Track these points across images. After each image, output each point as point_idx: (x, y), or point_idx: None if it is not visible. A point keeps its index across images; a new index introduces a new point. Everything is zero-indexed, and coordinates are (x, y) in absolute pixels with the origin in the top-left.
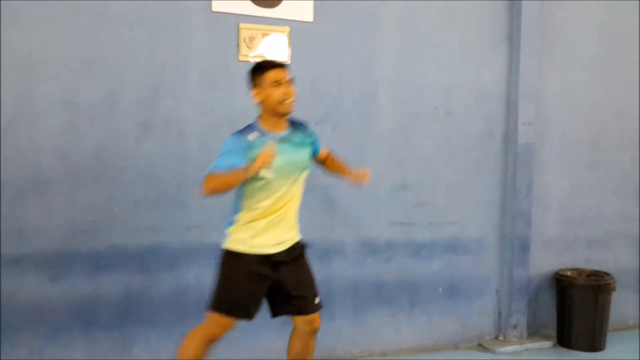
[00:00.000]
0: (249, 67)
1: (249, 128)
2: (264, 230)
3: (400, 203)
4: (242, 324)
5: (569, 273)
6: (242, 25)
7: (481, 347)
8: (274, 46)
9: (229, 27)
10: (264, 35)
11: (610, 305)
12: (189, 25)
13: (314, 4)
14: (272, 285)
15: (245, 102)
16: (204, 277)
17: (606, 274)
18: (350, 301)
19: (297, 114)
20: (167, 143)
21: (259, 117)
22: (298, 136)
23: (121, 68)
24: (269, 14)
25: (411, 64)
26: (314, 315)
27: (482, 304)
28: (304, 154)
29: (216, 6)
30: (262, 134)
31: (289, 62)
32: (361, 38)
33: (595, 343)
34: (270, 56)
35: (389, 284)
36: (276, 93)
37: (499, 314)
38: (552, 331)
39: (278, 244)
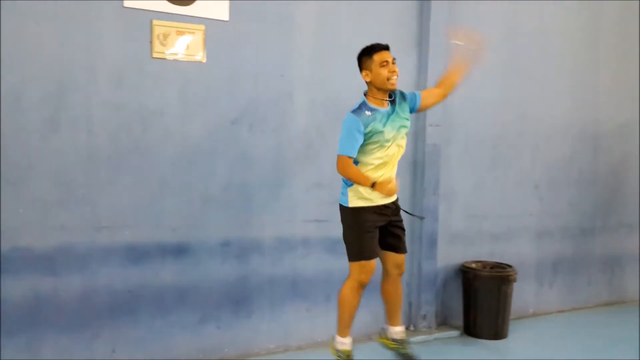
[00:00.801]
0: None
1: (363, 106)
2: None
3: (316, 201)
4: (152, 323)
5: (473, 265)
6: (155, 22)
7: None
8: (188, 44)
9: (142, 24)
10: (179, 33)
11: (511, 295)
12: (100, 20)
13: (230, 3)
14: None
15: (159, 100)
16: (116, 278)
17: (508, 265)
18: (267, 298)
19: (212, 114)
20: (76, 140)
21: (367, 95)
22: (398, 105)
23: (26, 63)
24: (183, 11)
25: (326, 65)
26: (402, 257)
27: None
28: (405, 117)
29: (128, 2)
30: (375, 110)
31: (204, 60)
32: (277, 39)
33: (498, 331)
34: (183, 53)
35: (305, 279)
36: (384, 72)
37: (409, 305)
38: (459, 321)
39: (385, 197)
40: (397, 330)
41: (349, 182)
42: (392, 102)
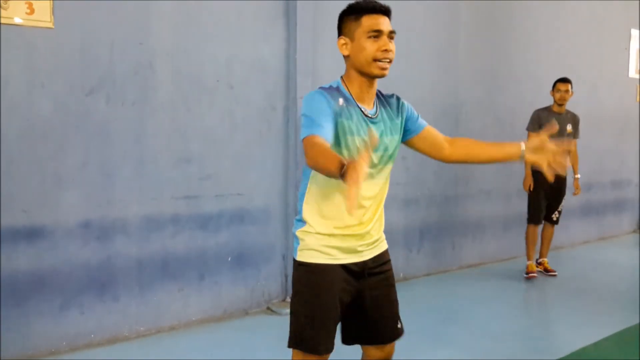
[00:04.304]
0: None
1: (335, 89)
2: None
3: (185, 177)
4: (7, 313)
5: None
6: None
7: (269, 310)
8: (34, 8)
9: None
10: None
11: None
12: None
13: None
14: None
15: (1, 70)
16: None
17: None
18: (135, 280)
19: (63, 85)
20: None
21: (343, 77)
22: (387, 113)
23: None
24: None
25: (190, 34)
26: (388, 350)
27: (270, 270)
28: (395, 130)
29: None
30: (350, 102)
31: (52, 26)
32: (134, 4)
33: None
34: (28, 17)
35: (176, 258)
36: (371, 47)
37: (286, 277)
38: None
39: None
40: None
41: (300, 217)
42: (381, 104)
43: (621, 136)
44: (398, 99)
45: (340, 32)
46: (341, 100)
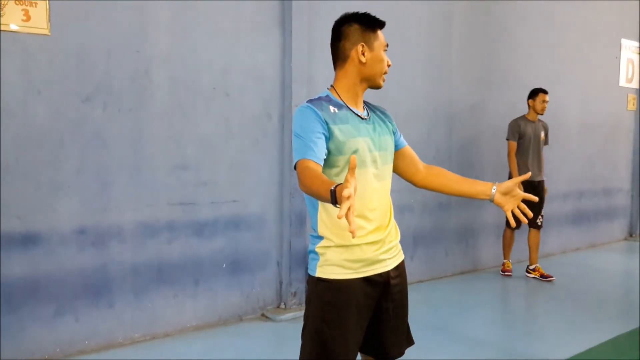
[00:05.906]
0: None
1: (324, 99)
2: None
3: (181, 183)
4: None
5: None
6: None
7: (264, 316)
8: (30, 15)
9: None
10: (18, 2)
11: None
12: None
13: None
14: None
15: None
16: None
17: None
18: (130, 286)
19: (59, 92)
20: None
21: (334, 87)
22: (378, 116)
23: None
24: None
25: (186, 42)
26: None
27: (265, 276)
28: (388, 133)
29: None
30: (342, 107)
31: (48, 33)
32: (130, 12)
33: None
34: (24, 24)
35: (171, 264)
36: (385, 62)
37: (280, 283)
38: None
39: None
40: None
41: (316, 234)
42: (370, 109)
43: (612, 144)
44: (385, 110)
45: (355, 39)
46: (332, 108)
